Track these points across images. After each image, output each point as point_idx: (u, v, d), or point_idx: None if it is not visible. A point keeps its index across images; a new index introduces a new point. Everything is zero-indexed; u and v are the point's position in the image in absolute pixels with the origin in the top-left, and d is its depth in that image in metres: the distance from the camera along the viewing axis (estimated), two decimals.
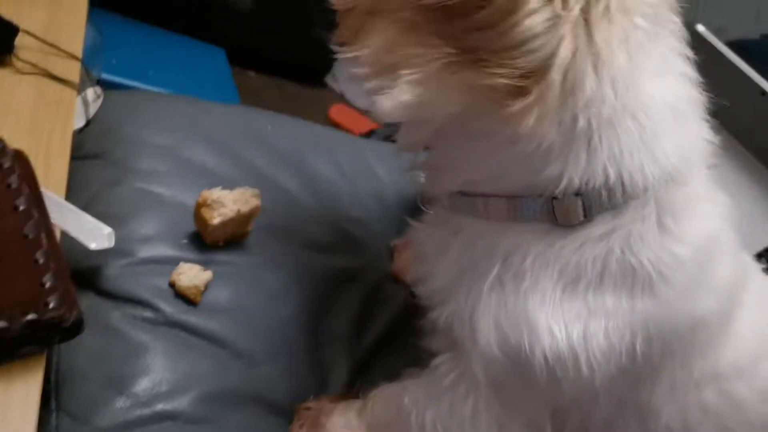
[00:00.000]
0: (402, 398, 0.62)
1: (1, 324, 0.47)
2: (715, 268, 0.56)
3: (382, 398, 0.65)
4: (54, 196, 0.62)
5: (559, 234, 0.52)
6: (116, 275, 0.67)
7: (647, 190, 0.51)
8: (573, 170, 0.49)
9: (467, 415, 0.57)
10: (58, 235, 0.58)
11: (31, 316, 0.48)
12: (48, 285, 0.50)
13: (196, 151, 0.83)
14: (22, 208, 0.55)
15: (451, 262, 0.57)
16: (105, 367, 0.61)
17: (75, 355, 0.61)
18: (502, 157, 0.51)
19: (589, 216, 0.51)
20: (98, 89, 0.87)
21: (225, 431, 0.64)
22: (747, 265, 0.64)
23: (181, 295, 0.68)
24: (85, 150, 0.79)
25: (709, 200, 0.57)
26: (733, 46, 1.25)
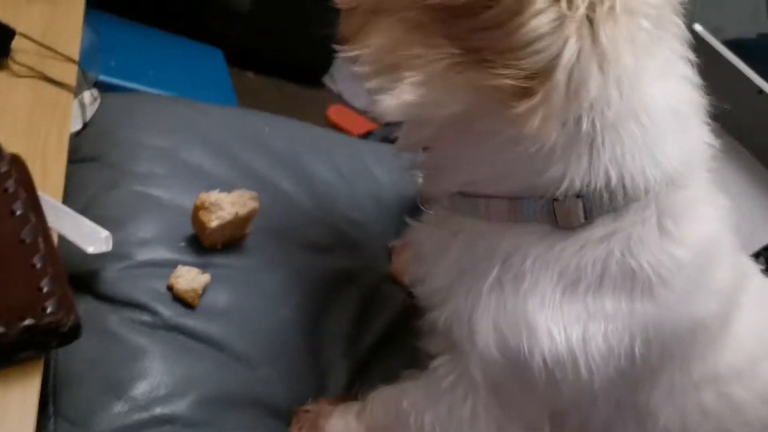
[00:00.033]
0: (401, 400, 0.62)
1: None
2: (715, 270, 0.56)
3: (381, 400, 0.65)
4: (51, 199, 0.62)
5: (560, 236, 0.52)
6: (114, 279, 0.67)
7: (648, 193, 0.51)
8: (575, 172, 0.49)
9: (466, 417, 0.57)
10: (55, 239, 0.58)
11: (28, 322, 0.48)
12: (45, 290, 0.50)
13: (194, 154, 0.82)
14: (19, 212, 0.55)
15: (450, 263, 0.57)
16: (103, 371, 0.61)
17: (73, 360, 0.60)
18: (503, 158, 0.51)
19: (590, 218, 0.51)
20: (95, 92, 0.87)
21: None
22: (746, 266, 0.64)
23: (179, 299, 0.68)
24: (82, 153, 0.79)
25: (710, 203, 0.57)
26: (731, 45, 1.25)
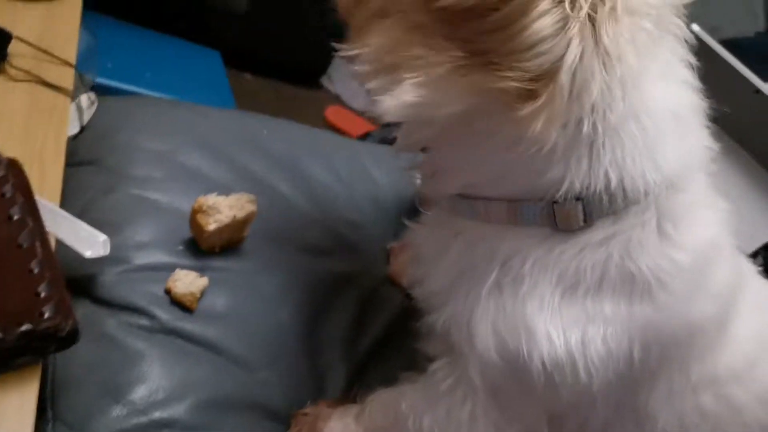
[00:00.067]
0: (399, 403, 0.62)
1: None
2: (714, 274, 0.56)
3: (380, 403, 0.65)
4: (48, 204, 0.62)
5: (559, 239, 0.52)
6: (112, 282, 0.67)
7: (648, 196, 0.51)
8: (574, 174, 0.49)
9: (465, 420, 0.57)
10: (53, 244, 0.58)
11: (25, 327, 0.48)
12: (43, 295, 0.50)
13: (192, 157, 0.82)
14: (17, 217, 0.55)
15: (449, 264, 0.57)
16: (101, 375, 0.61)
17: (71, 364, 0.60)
18: (503, 160, 0.51)
19: (589, 221, 0.51)
20: (92, 95, 0.87)
21: None
22: (744, 269, 0.63)
23: (177, 302, 0.68)
24: (79, 157, 0.79)
25: (709, 206, 0.57)
26: (728, 44, 1.25)
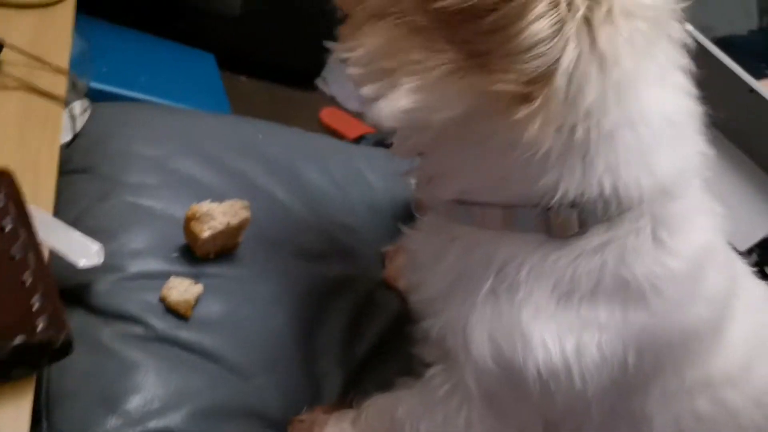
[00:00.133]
0: (396, 409, 0.62)
1: None
2: (708, 279, 0.56)
3: (376, 409, 0.65)
4: (42, 213, 0.62)
5: (555, 245, 0.52)
6: (106, 291, 0.67)
7: (642, 203, 0.51)
8: (569, 181, 0.49)
9: (461, 426, 0.57)
10: (46, 254, 0.58)
11: (19, 340, 0.48)
12: (36, 307, 0.50)
13: (186, 163, 0.82)
14: (9, 228, 0.55)
15: (446, 270, 0.57)
16: (96, 385, 0.60)
17: (66, 374, 0.60)
18: (499, 165, 0.51)
19: (584, 227, 0.51)
20: (85, 102, 0.86)
21: None
22: (739, 272, 0.64)
23: (171, 310, 0.67)
24: (73, 164, 0.79)
25: (704, 212, 0.56)
26: (722, 42, 1.25)
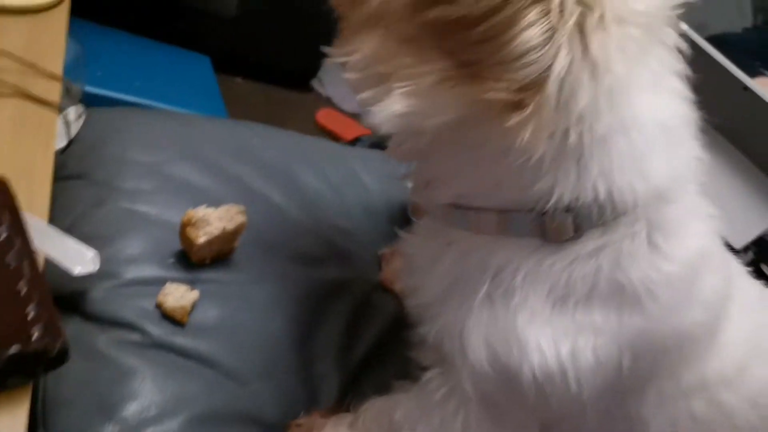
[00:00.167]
0: (393, 412, 0.62)
1: None
2: (703, 283, 0.56)
3: (374, 412, 0.65)
4: (37, 220, 0.62)
5: (550, 250, 0.52)
6: (102, 298, 0.66)
7: (637, 207, 0.51)
8: (563, 186, 0.49)
9: (458, 430, 0.58)
10: (41, 262, 0.57)
11: (14, 349, 0.48)
12: (31, 316, 0.50)
13: (181, 168, 0.82)
14: (3, 236, 0.54)
15: (442, 274, 0.57)
16: (93, 392, 0.60)
17: (62, 382, 0.60)
18: (493, 170, 0.51)
19: (579, 232, 0.51)
20: (80, 108, 0.86)
21: None
22: (735, 273, 0.64)
23: (167, 317, 0.67)
24: (68, 170, 0.79)
25: (699, 216, 0.57)
26: (716, 40, 1.26)
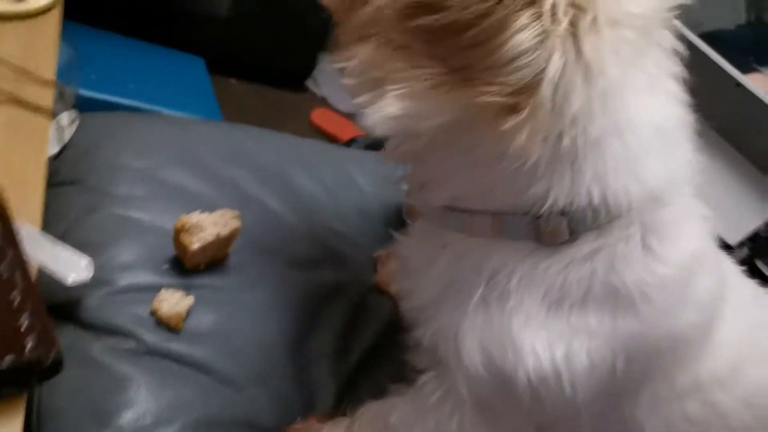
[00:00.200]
0: (389, 416, 0.62)
1: None
2: (697, 285, 0.56)
3: (370, 416, 0.65)
4: (29, 228, 0.61)
5: (545, 253, 0.52)
6: (96, 306, 0.66)
7: (631, 210, 0.51)
8: (558, 189, 0.49)
9: None
10: (34, 271, 0.57)
11: (8, 360, 0.47)
12: (24, 326, 0.49)
13: (175, 173, 0.82)
14: None
15: (437, 276, 0.57)
16: (88, 401, 0.60)
17: (57, 391, 0.60)
18: (488, 173, 0.51)
19: (574, 235, 0.51)
20: (73, 113, 0.86)
21: None
22: (727, 272, 0.64)
23: (162, 323, 0.67)
24: (61, 176, 0.78)
25: (694, 219, 0.57)
26: (709, 37, 1.26)
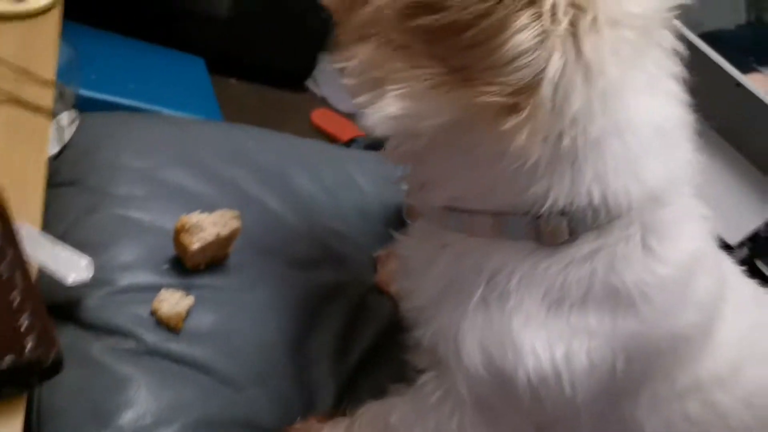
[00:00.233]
0: (389, 416, 0.62)
1: None
2: (697, 285, 0.56)
3: (370, 416, 0.65)
4: (29, 228, 0.61)
5: (545, 253, 0.52)
6: (97, 306, 0.66)
7: (631, 210, 0.51)
8: (558, 189, 0.49)
9: None
10: (34, 272, 0.57)
11: (8, 360, 0.47)
12: (24, 326, 0.49)
13: (175, 173, 0.82)
14: None
15: (437, 276, 0.57)
16: (88, 401, 0.60)
17: (57, 391, 0.60)
18: (488, 173, 0.51)
19: (574, 235, 0.51)
20: (73, 113, 0.86)
21: None
22: (727, 272, 0.64)
23: (162, 323, 0.67)
24: (61, 177, 0.78)
25: (694, 219, 0.57)
26: (709, 37, 1.26)
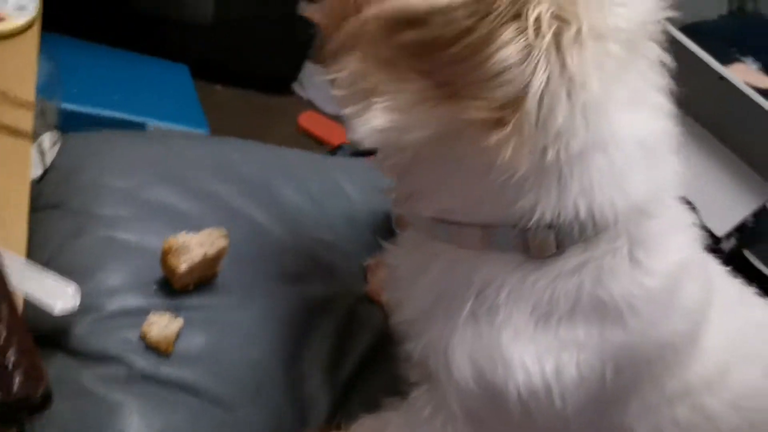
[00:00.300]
0: (383, 430, 0.62)
1: None
2: (685, 293, 0.56)
3: (364, 431, 0.65)
4: (14, 257, 0.61)
5: (533, 266, 0.52)
6: (85, 332, 0.66)
7: (617, 223, 0.51)
8: (545, 203, 0.49)
9: None
10: (20, 303, 0.57)
11: None
12: (11, 363, 0.49)
13: (160, 191, 0.81)
14: None
15: (427, 288, 0.57)
16: (80, 431, 0.60)
17: (49, 423, 0.59)
18: (475, 186, 0.51)
19: (562, 248, 0.51)
20: (55, 134, 0.85)
21: None
22: (714, 275, 0.64)
23: (152, 347, 0.67)
24: (44, 200, 0.78)
25: (681, 230, 0.57)
26: (691, 29, 1.27)
